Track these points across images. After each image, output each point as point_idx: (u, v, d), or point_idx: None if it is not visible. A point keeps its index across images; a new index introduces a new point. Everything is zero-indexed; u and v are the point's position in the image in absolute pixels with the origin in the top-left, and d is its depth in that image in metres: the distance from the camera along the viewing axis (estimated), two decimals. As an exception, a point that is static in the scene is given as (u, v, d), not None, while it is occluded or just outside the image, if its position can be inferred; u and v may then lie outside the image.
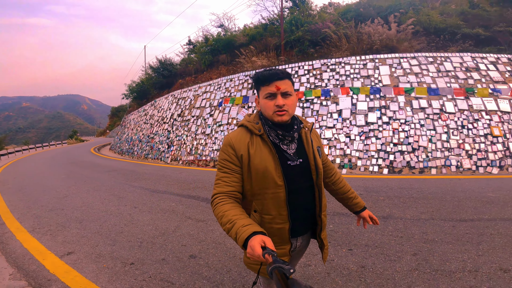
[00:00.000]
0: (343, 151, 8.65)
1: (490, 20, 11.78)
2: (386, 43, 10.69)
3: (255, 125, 1.30)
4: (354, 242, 3.18)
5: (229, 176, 1.28)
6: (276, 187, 1.25)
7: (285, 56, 12.99)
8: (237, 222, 1.12)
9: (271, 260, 0.92)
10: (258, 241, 1.01)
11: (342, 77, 9.99)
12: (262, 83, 1.27)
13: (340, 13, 13.47)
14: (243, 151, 1.27)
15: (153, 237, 3.56)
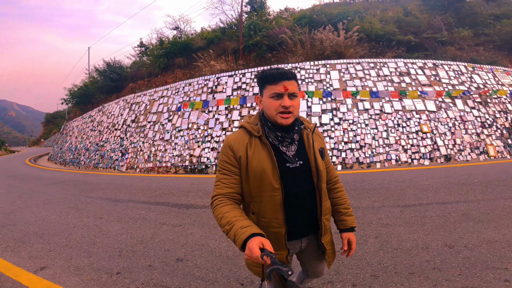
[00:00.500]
0: (301, 151, 9.27)
1: (419, 27, 13.58)
2: (335, 49, 11.68)
3: (254, 127, 1.30)
4: None
5: (228, 178, 1.28)
6: (272, 190, 1.24)
7: (244, 61, 13.29)
8: (236, 223, 1.12)
9: (270, 262, 0.92)
10: (257, 242, 1.01)
11: (298, 82, 10.67)
12: (269, 82, 1.24)
13: (295, 19, 14.15)
14: (242, 152, 1.26)
15: (131, 245, 3.51)
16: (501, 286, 2.36)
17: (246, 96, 10.70)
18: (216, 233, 3.66)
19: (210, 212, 4.56)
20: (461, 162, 8.79)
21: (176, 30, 17.89)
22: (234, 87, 11.38)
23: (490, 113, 10.16)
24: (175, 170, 10.65)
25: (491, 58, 12.75)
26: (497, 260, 2.71)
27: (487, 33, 14.06)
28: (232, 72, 11.96)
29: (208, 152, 10.31)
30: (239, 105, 10.58)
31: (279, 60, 12.46)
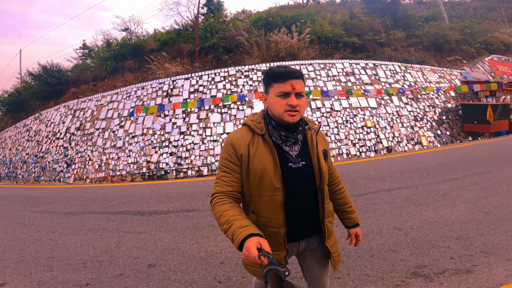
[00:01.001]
0: (261, 151, 9.58)
1: (362, 29, 14.80)
2: (290, 51, 12.25)
3: (257, 125, 1.29)
4: None
5: (229, 176, 1.27)
6: (273, 189, 1.23)
7: (200, 63, 13.18)
8: (234, 223, 1.12)
9: (267, 262, 0.92)
10: (254, 242, 1.01)
11: (255, 83, 10.99)
12: (276, 80, 1.23)
13: (252, 21, 14.39)
14: (243, 150, 1.26)
15: (96, 256, 3.37)
16: (448, 263, 2.64)
17: (203, 99, 10.66)
18: (185, 237, 3.68)
19: (176, 217, 4.53)
20: (400, 152, 9.95)
21: (125, 31, 17.02)
22: (191, 90, 11.25)
23: (421, 108, 11.65)
24: (132, 178, 10.15)
25: (420, 58, 14.56)
26: (440, 239, 3.05)
27: (417, 35, 15.93)
28: (188, 74, 11.80)
29: (166, 157, 10.04)
30: (197, 108, 10.50)
31: (236, 62, 12.65)
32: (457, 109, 12.46)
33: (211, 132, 10.01)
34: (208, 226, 3.96)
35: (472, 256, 2.73)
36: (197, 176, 9.29)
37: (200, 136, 10.01)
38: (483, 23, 20.76)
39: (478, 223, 3.44)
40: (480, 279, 2.40)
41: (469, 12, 23.78)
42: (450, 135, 11.56)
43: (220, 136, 9.87)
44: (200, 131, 10.12)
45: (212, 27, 13.58)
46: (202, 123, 10.27)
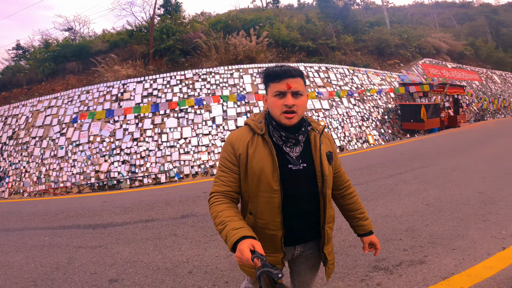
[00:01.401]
0: (221, 155, 9.60)
1: (317, 33, 15.70)
2: (248, 54, 12.44)
3: (258, 124, 1.27)
4: None
5: (227, 175, 1.27)
6: (271, 191, 1.21)
7: (154, 65, 12.75)
8: (228, 224, 1.12)
9: (260, 264, 0.92)
10: (247, 244, 1.01)
11: (213, 86, 10.97)
12: (272, 80, 1.23)
13: (211, 23, 14.37)
14: (242, 150, 1.24)
15: (46, 273, 3.10)
16: (402, 255, 2.80)
17: (158, 103, 10.33)
18: (147, 248, 3.58)
19: (134, 228, 4.36)
20: (351, 151, 10.78)
21: (69, 31, 15.73)
22: (144, 93, 10.82)
23: (367, 108, 12.78)
24: (79, 190, 9.39)
25: (366, 62, 15.95)
26: (392, 233, 3.25)
27: (363, 39, 17.39)
28: (141, 78, 11.32)
29: (118, 166, 9.50)
30: (151, 113, 10.13)
31: (193, 65, 12.51)
32: (396, 109, 13.93)
33: (168, 137, 9.74)
34: (171, 236, 3.88)
35: (422, 247, 2.95)
36: (154, 184, 8.97)
37: (156, 142, 9.68)
38: (418, 28, 23.51)
39: (422, 215, 3.79)
40: (433, 269, 2.57)
41: (407, 17, 26.67)
42: (392, 133, 12.89)
43: (177, 142, 9.65)
44: (155, 137, 9.78)
45: (168, 29, 13.28)
46: (157, 128, 9.95)
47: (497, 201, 4.12)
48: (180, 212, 4.93)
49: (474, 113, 19.05)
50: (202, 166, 9.33)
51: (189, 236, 3.80)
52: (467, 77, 21.11)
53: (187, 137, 9.73)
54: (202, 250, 3.34)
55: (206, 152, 9.55)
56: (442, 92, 15.62)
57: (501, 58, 28.86)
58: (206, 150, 9.60)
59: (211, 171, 9.27)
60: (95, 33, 16.71)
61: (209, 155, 9.52)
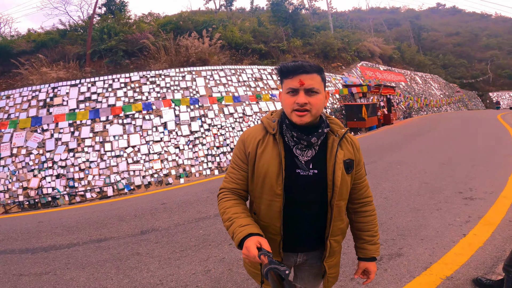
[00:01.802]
0: (175, 162, 9.07)
1: (269, 37, 16.10)
2: (200, 56, 12.12)
3: (271, 123, 1.22)
4: (229, 237, 3.07)
5: (236, 173, 1.25)
6: (273, 195, 1.17)
7: (92, 67, 11.57)
8: (235, 221, 1.11)
9: (267, 261, 0.92)
10: (254, 242, 1.00)
11: (163, 89, 10.35)
12: (285, 76, 1.15)
13: (160, 24, 13.76)
14: (251, 148, 1.20)
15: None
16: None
17: (99, 109, 9.34)
18: (108, 272, 3.10)
19: (85, 250, 3.78)
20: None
21: None
22: (81, 98, 9.69)
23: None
24: (5, 210, 7.94)
25: (310, 64, 16.86)
26: None
27: (311, 43, 18.41)
28: (76, 80, 10.12)
29: (52, 180, 8.31)
30: (90, 119, 9.09)
31: (139, 67, 11.72)
32: (341, 109, 15.09)
33: (112, 146, 8.84)
34: (133, 255, 3.44)
35: (394, 240, 3.10)
36: (100, 198, 8.04)
37: (98, 152, 8.71)
38: (356, 33, 25.86)
39: (384, 208, 4.00)
40: (411, 260, 2.70)
41: (348, 22, 29.19)
42: None
43: (124, 150, 8.84)
44: (96, 146, 8.80)
45: (111, 29, 12.37)
46: (99, 137, 8.97)
47: (442, 190, 4.57)
48: (138, 227, 4.46)
49: (403, 111, 21.62)
50: (155, 176, 8.69)
51: (155, 254, 3.43)
52: (395, 79, 23.88)
53: (135, 145, 8.97)
54: (175, 268, 3.02)
55: (159, 160, 8.93)
56: (378, 93, 17.36)
57: (422, 60, 33.66)
58: (158, 158, 8.97)
59: (166, 180, 8.70)
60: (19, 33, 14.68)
61: (163, 163, 8.92)
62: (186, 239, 3.74)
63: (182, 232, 4.01)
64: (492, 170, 5.53)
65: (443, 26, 55.67)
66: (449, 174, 5.42)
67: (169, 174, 8.83)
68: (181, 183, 8.61)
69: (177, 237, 3.84)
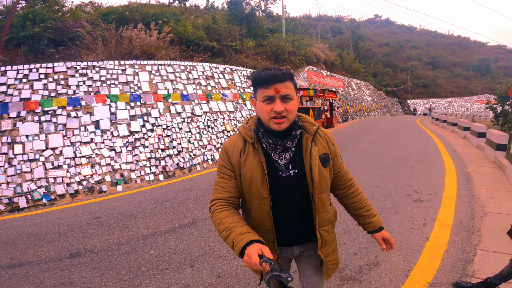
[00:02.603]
0: (111, 167, 7.49)
1: (222, 35, 15.14)
2: (146, 49, 10.64)
3: (248, 132, 1.23)
4: (190, 258, 3.02)
5: (226, 181, 1.25)
6: (261, 198, 1.20)
7: (6, 56, 9.29)
8: (234, 230, 1.09)
9: (269, 268, 0.90)
10: (256, 249, 0.99)
11: (97, 83, 8.54)
12: (260, 85, 1.14)
13: (101, 14, 12.05)
14: (235, 159, 1.23)
15: None
16: (357, 260, 2.74)
17: (7, 103, 7.26)
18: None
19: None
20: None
21: None
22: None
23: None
24: None
25: (264, 66, 16.34)
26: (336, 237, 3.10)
27: (263, 44, 17.98)
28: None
29: None
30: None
31: (68, 58, 9.72)
32: (290, 112, 14.83)
33: (24, 148, 6.91)
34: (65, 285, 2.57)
35: (367, 248, 2.92)
36: (10, 211, 6.17)
37: (5, 156, 6.72)
38: (306, 38, 26.30)
39: (347, 214, 3.67)
40: (390, 269, 2.60)
41: (298, 27, 29.71)
42: None
43: (41, 154, 7.00)
44: (3, 148, 6.80)
45: (37, 15, 10.28)
46: (6, 136, 6.96)
47: (392, 193, 4.57)
48: (66, 249, 3.40)
49: (341, 115, 22.51)
50: (84, 183, 7.02)
51: (95, 284, 2.63)
52: (336, 84, 24.92)
53: (56, 147, 7.15)
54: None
55: (89, 165, 7.25)
56: (322, 97, 17.62)
57: (357, 68, 36.20)
58: (88, 162, 7.29)
59: (99, 188, 7.11)
60: None
61: (94, 168, 7.28)
62: (135, 262, 2.99)
63: (127, 253, 3.20)
64: (428, 172, 5.72)
65: (377, 36, 60.70)
66: (393, 177, 5.49)
67: (103, 181, 7.24)
68: (118, 190, 7.13)
69: (121, 261, 3.05)
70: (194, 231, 3.72)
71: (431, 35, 69.91)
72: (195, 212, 4.42)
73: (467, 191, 4.61)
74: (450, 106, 43.41)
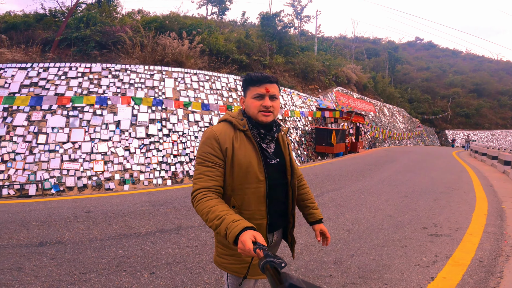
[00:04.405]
0: (122, 166, 7.60)
1: (252, 49, 15.37)
2: (177, 57, 10.97)
3: (240, 121, 1.31)
4: (154, 264, 2.81)
5: (213, 170, 1.24)
6: (258, 182, 1.27)
7: (56, 54, 10.21)
8: (226, 217, 1.09)
9: (263, 255, 0.91)
10: (249, 236, 0.99)
11: (125, 85, 8.93)
12: (253, 84, 1.30)
13: (145, 21, 12.84)
14: (228, 144, 1.26)
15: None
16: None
17: (42, 96, 7.79)
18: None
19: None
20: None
21: None
22: (26, 82, 8.15)
23: (292, 129, 12.52)
24: None
25: (292, 83, 16.11)
26: (321, 267, 2.76)
27: (293, 62, 17.75)
28: (27, 64, 8.58)
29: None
30: (29, 106, 7.53)
31: (108, 60, 10.36)
32: (312, 132, 14.16)
33: (47, 139, 7.26)
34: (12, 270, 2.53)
35: (355, 284, 2.55)
36: (19, 196, 6.43)
37: (28, 144, 7.13)
38: (338, 58, 25.70)
39: (346, 243, 3.39)
40: None
41: (332, 47, 29.19)
42: (306, 155, 12.86)
43: (62, 146, 7.32)
44: (28, 136, 7.22)
45: (91, 18, 11.20)
46: (34, 126, 7.40)
47: (406, 225, 4.08)
48: (39, 237, 3.40)
49: (368, 141, 21.17)
50: (94, 178, 7.17)
51: (43, 273, 2.56)
52: (366, 108, 23.66)
53: (76, 141, 7.45)
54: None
55: (102, 162, 7.42)
56: (348, 119, 16.79)
57: (392, 93, 33.88)
58: (102, 159, 7.46)
59: (107, 185, 7.21)
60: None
61: (106, 165, 7.42)
62: (96, 259, 2.88)
63: (95, 249, 3.10)
64: (454, 206, 5.12)
65: (416, 60, 57.18)
66: (412, 208, 4.98)
67: (112, 179, 7.34)
68: (124, 189, 7.16)
69: (84, 255, 2.96)
70: (174, 238, 3.48)
71: (478, 60, 64.10)
72: (183, 219, 4.19)
73: (497, 228, 3.96)
74: (493, 139, 39.17)
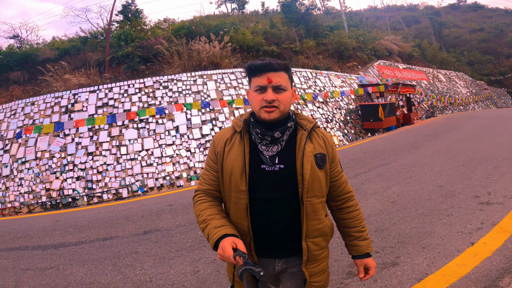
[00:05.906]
0: (187, 165, 9.35)
1: (281, 38, 16.05)
2: (212, 59, 12.35)
3: (238, 122, 1.23)
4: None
5: (208, 174, 1.27)
6: (238, 192, 1.16)
7: (111, 74, 12.22)
8: (210, 222, 1.12)
9: (242, 262, 0.92)
10: (229, 242, 1.01)
11: (175, 94, 10.71)
12: (253, 74, 1.16)
13: (174, 30, 14.18)
14: (220, 148, 1.22)
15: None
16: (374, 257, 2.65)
17: (115, 114, 9.83)
18: (105, 268, 3.33)
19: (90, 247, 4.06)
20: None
21: (14, 39, 14.72)
22: (99, 104, 10.26)
23: (330, 110, 13.30)
24: (29, 210, 8.59)
25: (327, 65, 16.62)
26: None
27: (324, 43, 18.11)
28: (94, 87, 10.73)
29: (72, 182, 8.86)
30: (107, 124, 9.60)
31: (155, 72, 12.20)
32: (357, 110, 14.69)
33: (127, 150, 9.29)
34: (132, 253, 3.66)
35: (392, 248, 2.92)
36: (116, 199, 8.48)
37: (114, 156, 9.18)
38: (373, 31, 25.13)
39: (389, 213, 3.83)
40: (406, 270, 2.53)
41: (363, 21, 28.52)
42: (354, 133, 13.54)
43: (139, 154, 9.25)
44: (113, 150, 9.28)
45: (127, 35, 13.00)
46: (115, 141, 9.46)
47: (457, 194, 4.26)
48: (143, 227, 4.68)
49: (425, 111, 20.64)
50: (167, 178, 9.01)
51: (152, 253, 3.60)
52: (416, 77, 22.91)
53: (149, 149, 9.37)
54: (167, 267, 3.18)
55: (171, 163, 9.25)
56: (396, 92, 16.76)
57: (445, 58, 31.92)
58: (170, 161, 9.30)
59: (178, 183, 8.99)
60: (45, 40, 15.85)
61: (174, 166, 9.24)
62: (184, 240, 3.88)
63: (182, 233, 4.15)
64: None
65: (465, 22, 52.84)
66: (467, 177, 5.03)
67: (181, 177, 9.12)
68: (192, 185, 8.86)
69: (175, 238, 3.99)
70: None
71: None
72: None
73: (563, 196, 3.89)
74: None
